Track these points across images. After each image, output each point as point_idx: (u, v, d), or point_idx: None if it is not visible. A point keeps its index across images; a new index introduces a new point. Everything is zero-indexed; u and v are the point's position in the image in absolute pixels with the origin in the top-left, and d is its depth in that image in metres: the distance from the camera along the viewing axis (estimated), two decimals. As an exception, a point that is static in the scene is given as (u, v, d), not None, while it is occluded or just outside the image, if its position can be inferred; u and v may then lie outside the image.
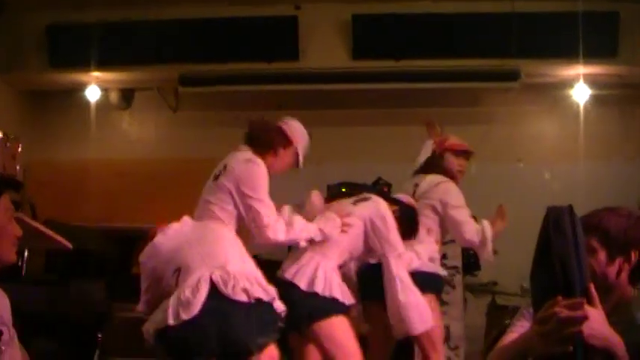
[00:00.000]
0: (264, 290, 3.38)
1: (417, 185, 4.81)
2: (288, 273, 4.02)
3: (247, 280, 3.34)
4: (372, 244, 4.28)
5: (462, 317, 6.08)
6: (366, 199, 4.42)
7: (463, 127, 7.54)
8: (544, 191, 6.92)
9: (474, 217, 4.71)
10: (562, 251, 1.93)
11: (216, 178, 4.04)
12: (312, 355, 4.35)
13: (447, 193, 4.65)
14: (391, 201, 4.51)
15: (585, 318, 1.85)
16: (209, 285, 3.27)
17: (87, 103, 7.65)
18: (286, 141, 4.19)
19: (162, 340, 3.31)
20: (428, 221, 4.66)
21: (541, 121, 7.68)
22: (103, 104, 7.77)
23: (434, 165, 4.82)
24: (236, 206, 3.92)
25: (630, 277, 2.24)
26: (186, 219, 3.87)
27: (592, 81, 7.18)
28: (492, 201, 4.94)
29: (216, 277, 3.29)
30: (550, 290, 1.90)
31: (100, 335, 5.73)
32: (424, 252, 4.45)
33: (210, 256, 3.48)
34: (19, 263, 5.24)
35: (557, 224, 1.97)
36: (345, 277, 4.35)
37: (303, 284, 3.95)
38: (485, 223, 4.62)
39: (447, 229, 4.76)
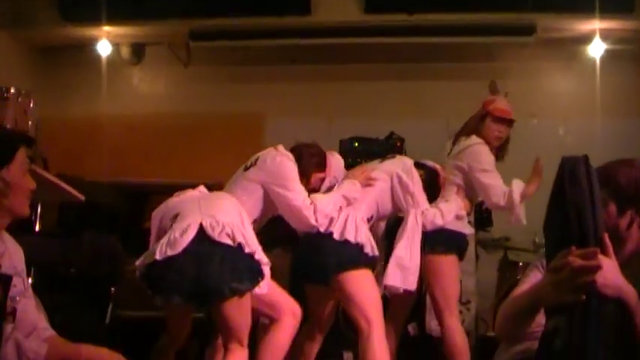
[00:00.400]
0: (247, 242, 3.50)
1: (454, 144, 4.85)
2: (320, 225, 4.09)
3: (234, 229, 3.49)
4: (397, 200, 4.37)
5: (474, 272, 6.09)
6: (392, 157, 4.58)
7: (477, 82, 7.44)
8: (558, 147, 6.87)
9: None
10: (577, 201, 1.92)
11: (247, 169, 4.17)
12: (328, 308, 4.43)
13: (476, 155, 4.68)
14: (416, 165, 4.54)
15: (599, 267, 1.84)
16: (197, 229, 3.45)
17: (98, 58, 7.60)
18: (322, 168, 4.30)
19: (147, 276, 3.49)
20: (456, 180, 4.71)
21: (556, 77, 7.60)
22: (114, 59, 7.73)
23: (473, 127, 4.83)
24: (263, 197, 4.06)
25: None
26: (202, 187, 4.04)
27: (608, 36, 7.08)
28: (506, 156, 4.91)
29: (206, 223, 3.46)
30: (564, 240, 1.90)
31: (113, 289, 5.77)
32: (448, 210, 4.46)
33: (207, 207, 3.64)
34: (32, 217, 5.26)
35: (572, 174, 1.95)
36: (374, 235, 4.40)
37: (336, 233, 4.06)
38: (515, 187, 4.60)
39: (474, 193, 4.80)
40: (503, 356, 2.34)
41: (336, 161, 4.42)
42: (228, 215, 3.61)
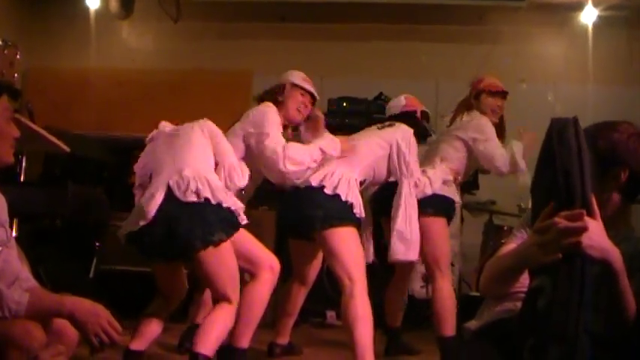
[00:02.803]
0: (212, 192, 3.55)
1: (453, 119, 4.91)
2: (314, 179, 4.14)
3: (200, 182, 3.54)
4: (392, 168, 4.40)
5: (459, 235, 6.12)
6: (391, 125, 4.56)
7: (468, 45, 7.47)
8: (546, 112, 6.89)
9: None
10: (565, 162, 1.91)
11: (233, 124, 4.28)
12: (312, 264, 4.47)
13: (479, 127, 4.73)
14: None
15: (585, 229, 1.84)
16: (165, 190, 3.54)
17: (86, 10, 7.53)
18: (280, 87, 4.38)
19: (130, 241, 3.67)
20: (449, 150, 4.75)
21: (547, 42, 7.58)
22: (103, 13, 7.64)
23: (470, 105, 4.87)
24: (246, 149, 4.14)
25: (622, 195, 2.22)
26: (163, 123, 4.11)
27: (600, 3, 7.07)
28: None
29: (172, 183, 3.55)
30: (551, 201, 1.90)
31: (97, 244, 5.76)
32: (435, 176, 4.52)
33: (177, 159, 3.71)
34: (17, 169, 5.22)
35: (561, 135, 1.94)
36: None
37: (328, 188, 4.09)
38: (516, 147, 4.68)
39: (473, 164, 4.86)
40: (487, 314, 2.35)
41: (286, 74, 4.48)
42: (196, 164, 3.67)
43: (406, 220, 4.28)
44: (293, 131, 4.46)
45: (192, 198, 3.50)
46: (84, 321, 2.39)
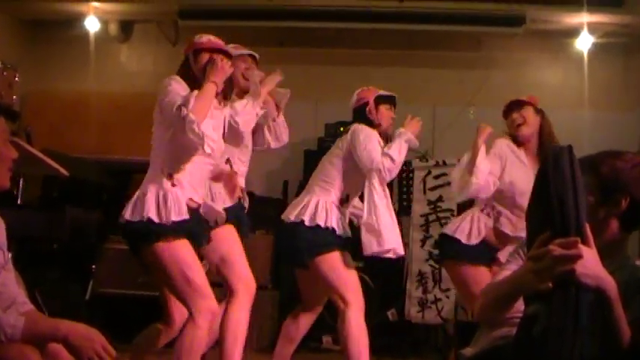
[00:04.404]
0: (132, 211, 3.56)
1: None
2: (292, 214, 4.17)
3: (129, 204, 3.61)
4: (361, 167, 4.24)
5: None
6: (346, 132, 4.41)
7: (464, 71, 7.51)
8: (542, 138, 6.91)
9: None
10: (559, 189, 1.92)
11: None
12: (315, 290, 4.43)
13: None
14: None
15: (579, 257, 1.85)
16: None
17: (86, 34, 7.56)
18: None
19: None
20: None
21: (543, 69, 7.63)
22: (102, 36, 7.69)
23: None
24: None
25: (621, 223, 2.22)
26: None
27: (596, 30, 7.11)
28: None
29: None
30: (546, 228, 1.91)
31: (94, 266, 5.76)
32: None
33: None
34: (15, 192, 5.23)
35: (556, 163, 1.96)
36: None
37: (307, 220, 4.10)
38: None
39: None
40: (483, 341, 2.35)
41: None
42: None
43: (371, 211, 4.10)
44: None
45: (126, 216, 3.55)
46: (78, 345, 2.39)
